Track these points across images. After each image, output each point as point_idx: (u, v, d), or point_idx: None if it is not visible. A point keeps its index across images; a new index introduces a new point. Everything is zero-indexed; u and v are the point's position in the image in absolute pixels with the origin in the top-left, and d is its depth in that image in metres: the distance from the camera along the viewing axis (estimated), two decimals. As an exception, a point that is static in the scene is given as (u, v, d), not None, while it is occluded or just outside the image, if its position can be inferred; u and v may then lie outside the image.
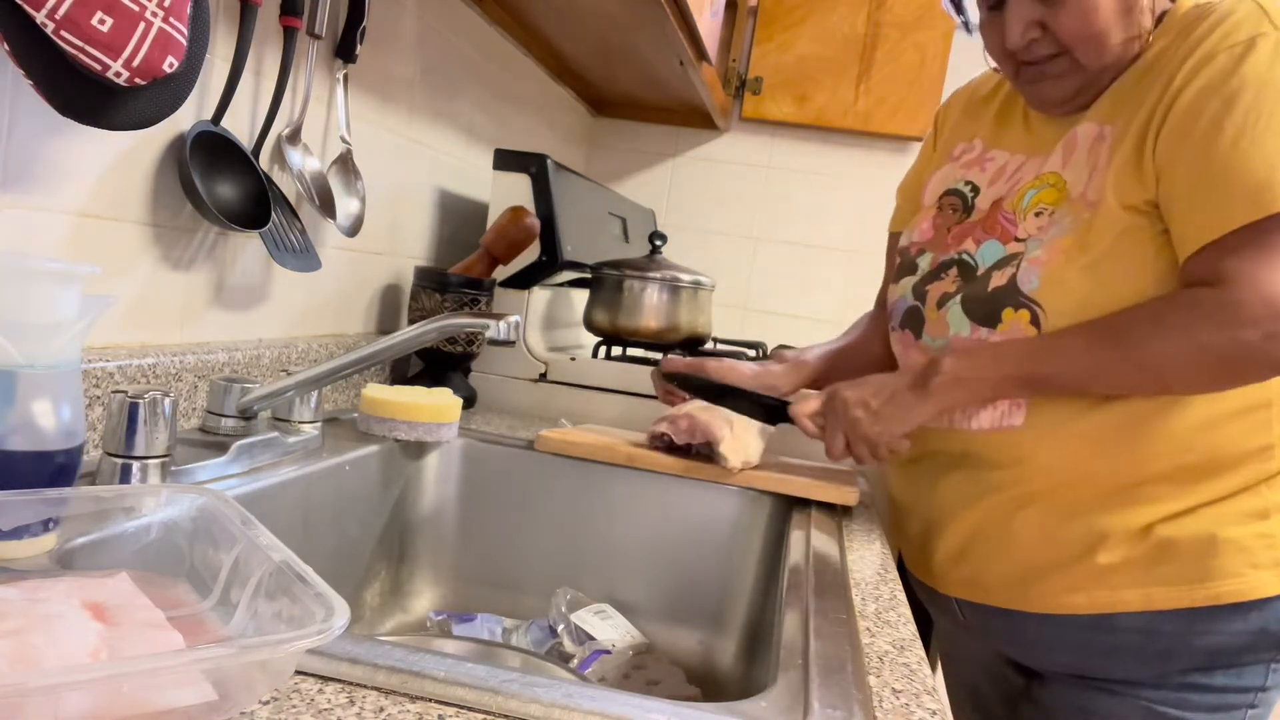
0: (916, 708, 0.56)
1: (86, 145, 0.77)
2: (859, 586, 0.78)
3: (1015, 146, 1.00)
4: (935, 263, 0.99)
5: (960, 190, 1.02)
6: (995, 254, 0.93)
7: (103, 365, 0.77)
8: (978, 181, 1.01)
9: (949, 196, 1.03)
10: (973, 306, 0.92)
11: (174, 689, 0.39)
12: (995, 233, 0.94)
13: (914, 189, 1.13)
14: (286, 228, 0.99)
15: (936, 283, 0.97)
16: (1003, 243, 0.93)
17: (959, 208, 1.01)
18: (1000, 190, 0.97)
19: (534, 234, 1.32)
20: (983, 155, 1.03)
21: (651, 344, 1.48)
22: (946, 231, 1.01)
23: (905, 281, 1.02)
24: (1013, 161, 0.99)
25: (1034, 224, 0.91)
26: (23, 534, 0.54)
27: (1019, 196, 0.94)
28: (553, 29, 1.67)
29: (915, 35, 2.15)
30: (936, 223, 1.03)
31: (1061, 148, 0.92)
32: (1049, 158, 0.93)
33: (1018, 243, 0.91)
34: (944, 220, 1.02)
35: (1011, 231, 0.92)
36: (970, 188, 1.01)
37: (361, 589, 1.00)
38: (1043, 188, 0.92)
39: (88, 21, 0.63)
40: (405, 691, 0.49)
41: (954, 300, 0.94)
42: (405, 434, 1.03)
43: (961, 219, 1.00)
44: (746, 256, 2.32)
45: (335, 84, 1.09)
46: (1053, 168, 0.92)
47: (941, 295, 0.96)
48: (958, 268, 0.96)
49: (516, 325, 0.81)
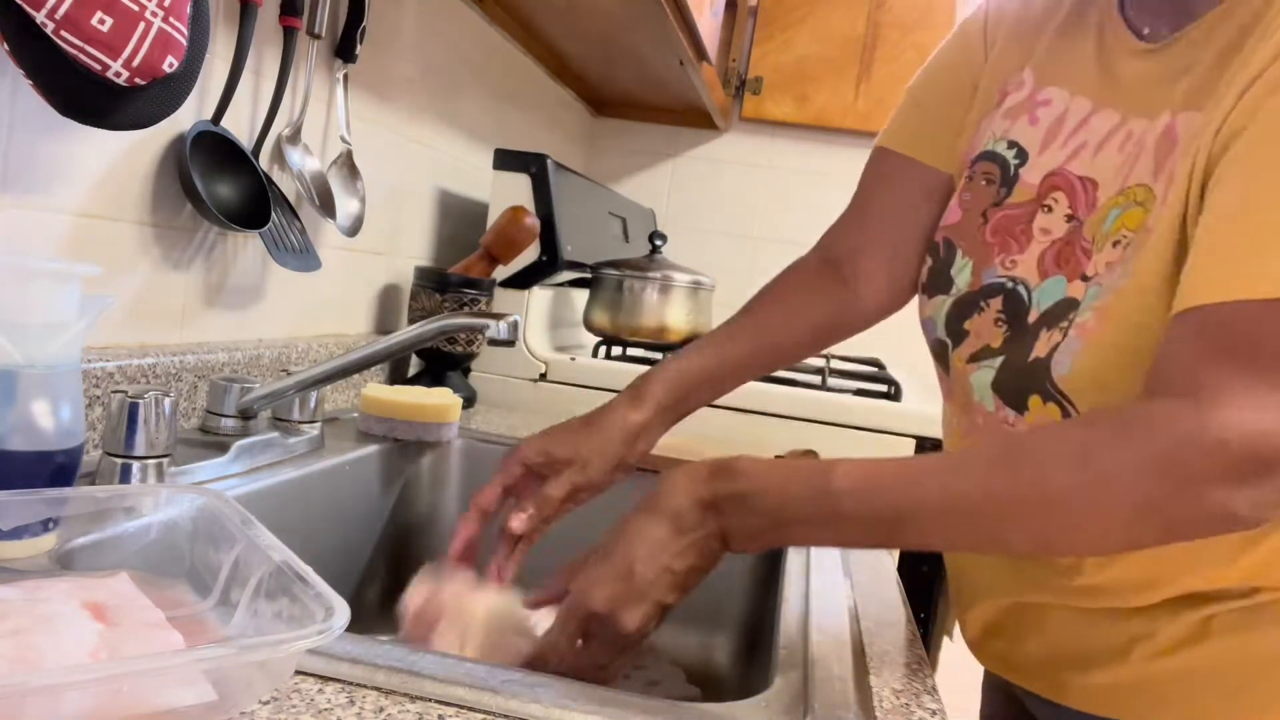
0: (916, 708, 0.56)
1: (86, 145, 0.77)
2: (859, 587, 0.78)
3: (1080, 86, 0.70)
4: (976, 280, 0.72)
5: (999, 154, 0.73)
6: (1055, 293, 0.67)
7: (103, 365, 0.77)
8: (1024, 142, 0.72)
9: (983, 162, 0.74)
10: (1004, 378, 0.68)
11: (174, 689, 0.39)
12: (1066, 266, 0.67)
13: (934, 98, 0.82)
14: (286, 228, 0.99)
15: (977, 318, 0.72)
16: (1068, 279, 0.66)
17: (996, 179, 0.73)
18: (1057, 158, 0.69)
19: (534, 234, 1.32)
20: (1033, 97, 0.73)
21: (651, 344, 1.48)
22: (981, 218, 0.73)
23: (938, 302, 0.76)
24: (1075, 108, 0.70)
25: (1108, 257, 0.63)
26: (22, 534, 0.54)
27: (1101, 217, 0.65)
28: (553, 29, 1.67)
29: (915, 35, 2.15)
30: (966, 200, 0.75)
31: (1155, 147, 0.62)
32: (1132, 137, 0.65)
33: (1082, 282, 0.65)
34: (976, 198, 0.74)
35: (1082, 265, 0.65)
36: (1015, 151, 0.72)
37: (361, 589, 1.00)
38: (1129, 206, 0.63)
39: (88, 21, 0.63)
40: (405, 691, 0.49)
41: (990, 363, 0.70)
42: (405, 434, 1.03)
43: (999, 197, 0.72)
44: (746, 256, 2.32)
45: (335, 84, 1.09)
46: (1142, 177, 0.63)
47: (982, 349, 0.71)
48: (1004, 300, 0.70)
49: (516, 325, 0.81)
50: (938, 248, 0.77)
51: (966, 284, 0.73)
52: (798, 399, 1.32)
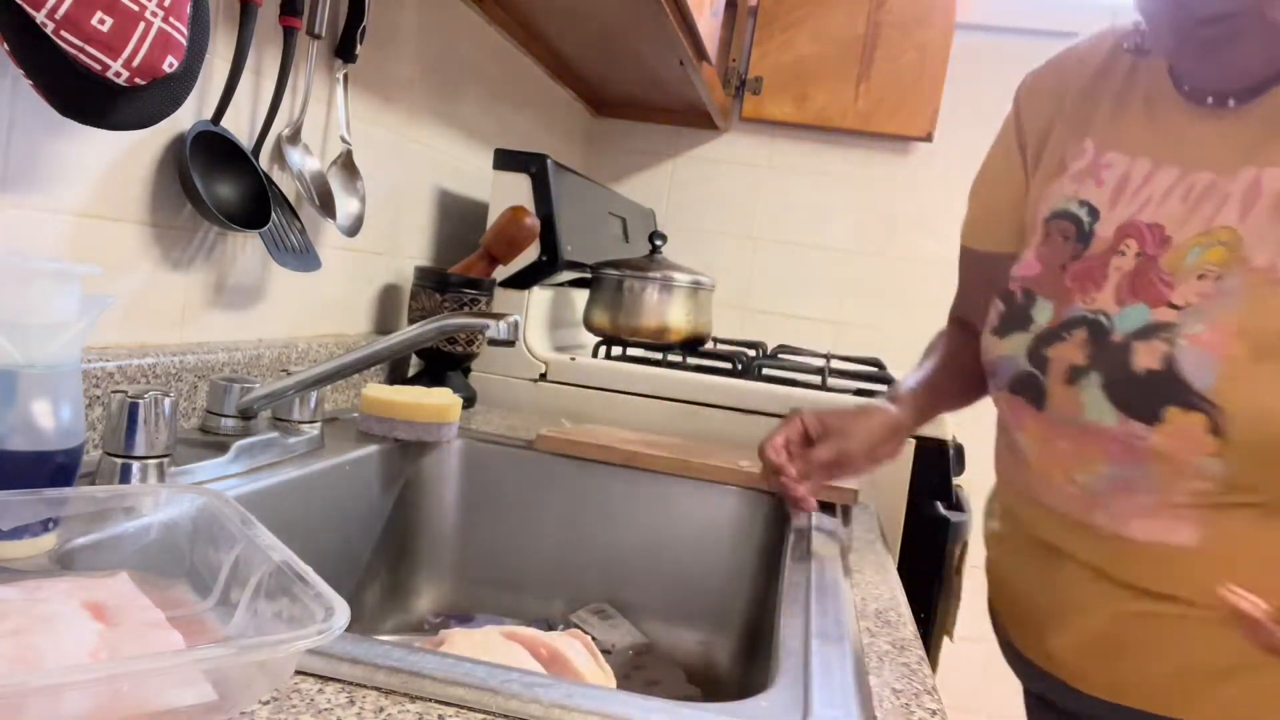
0: (916, 708, 0.56)
1: (86, 145, 0.77)
2: (859, 587, 0.78)
3: (1139, 149, 0.81)
4: (1057, 318, 0.81)
5: (1073, 213, 0.83)
6: (1138, 319, 0.75)
7: (103, 365, 0.77)
8: (1095, 201, 0.82)
9: (1059, 220, 0.83)
10: (1119, 392, 0.74)
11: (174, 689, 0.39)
12: (1145, 294, 0.76)
13: (995, 195, 0.95)
14: (286, 228, 0.99)
15: (1059, 345, 0.80)
16: (1151, 306, 0.75)
17: (1071, 235, 0.82)
18: (1127, 212, 0.79)
19: (534, 234, 1.32)
20: (1096, 161, 0.83)
21: (651, 344, 1.48)
22: (1060, 269, 0.82)
23: (1016, 339, 0.83)
24: (1137, 169, 0.80)
25: (1196, 288, 0.73)
26: (23, 534, 0.54)
27: (1180, 254, 0.75)
28: (553, 29, 1.67)
29: (915, 35, 2.14)
30: (1044, 254, 0.84)
31: (1241, 196, 0.74)
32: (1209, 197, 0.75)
33: (1172, 309, 0.74)
34: (1054, 252, 0.83)
35: (1165, 295, 0.74)
36: (1086, 209, 0.82)
37: (361, 589, 1.00)
38: (1211, 245, 0.74)
39: (88, 21, 0.63)
40: (405, 691, 0.49)
41: (1089, 378, 0.76)
42: (405, 434, 1.03)
43: (1078, 251, 0.81)
44: (746, 256, 2.32)
45: (335, 84, 1.09)
46: (1227, 220, 0.73)
47: (1070, 369, 0.78)
48: (1087, 329, 0.78)
49: (516, 325, 0.81)
50: (1013, 295, 0.86)
51: (1047, 320, 0.81)
52: (798, 399, 1.32)
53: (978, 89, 2.15)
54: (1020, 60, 1.02)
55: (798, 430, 0.92)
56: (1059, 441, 0.81)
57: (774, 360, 1.56)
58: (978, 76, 2.14)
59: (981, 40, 2.16)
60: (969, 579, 1.25)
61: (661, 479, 1.07)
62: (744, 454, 1.14)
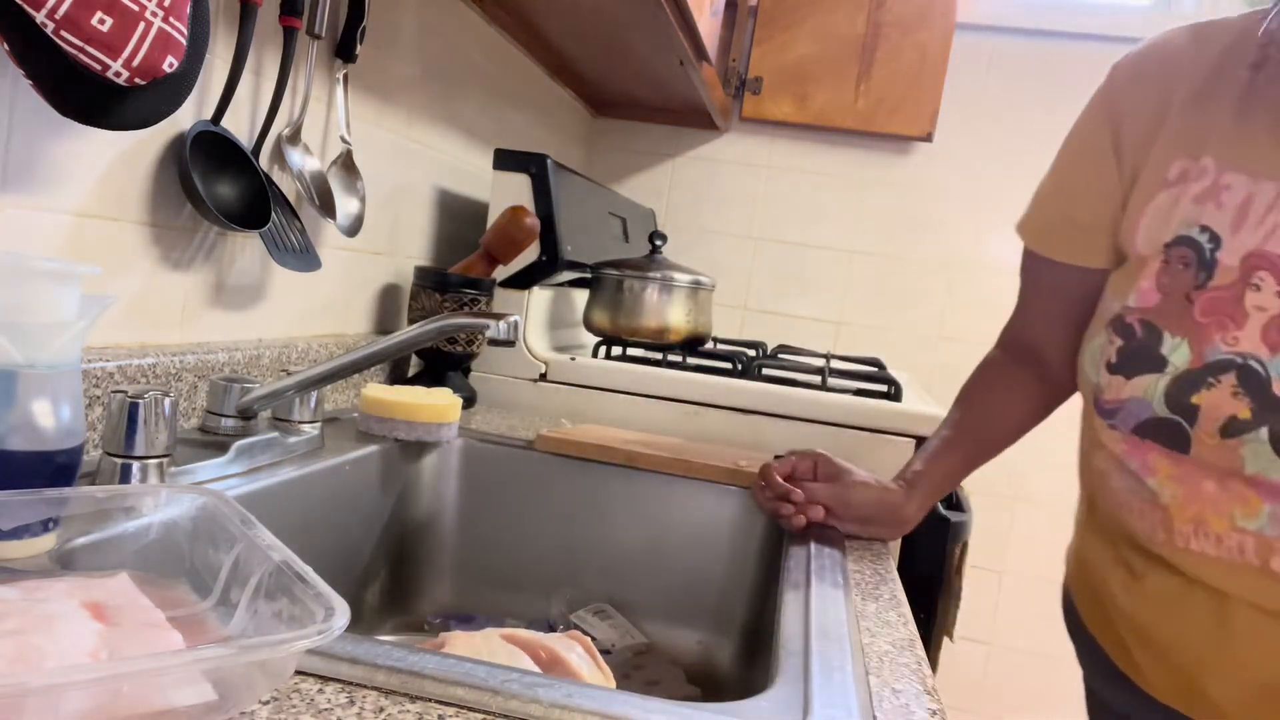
0: (917, 708, 0.56)
1: (86, 145, 0.77)
2: (859, 587, 0.78)
3: (1264, 171, 0.75)
4: (1198, 359, 0.75)
5: (1193, 239, 0.77)
6: None
7: (103, 365, 0.77)
8: (1215, 226, 0.76)
9: (1179, 247, 0.77)
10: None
11: (174, 689, 0.39)
12: None
13: (1079, 202, 0.88)
14: (286, 228, 0.99)
15: (1206, 393, 0.74)
16: None
17: (1192, 263, 0.76)
18: (1253, 239, 0.74)
19: (534, 234, 1.32)
20: (1217, 183, 0.77)
21: (651, 344, 1.48)
22: (1185, 300, 0.77)
23: (1147, 380, 0.78)
24: (1261, 191, 0.74)
25: None
26: (23, 534, 0.54)
27: None
28: (553, 29, 1.67)
29: (915, 35, 2.14)
30: (1164, 284, 0.78)
31: None
32: None
33: None
34: (1175, 282, 0.77)
35: None
36: (1207, 235, 0.76)
37: (361, 589, 1.00)
38: None
39: (88, 21, 0.63)
40: (405, 691, 0.49)
41: (1256, 434, 0.72)
42: (405, 434, 1.03)
43: (1201, 281, 0.76)
44: (746, 256, 2.32)
45: (335, 84, 1.09)
46: None
47: (1227, 420, 0.73)
48: (1237, 375, 0.73)
49: (516, 325, 0.81)
50: (1131, 329, 0.79)
51: (1186, 361, 0.75)
52: (798, 399, 1.32)
53: (978, 89, 2.16)
54: (1020, 60, 1.00)
55: (809, 465, 0.95)
56: (1205, 484, 0.76)
57: (774, 360, 1.56)
58: (978, 76, 2.15)
59: (981, 40, 2.16)
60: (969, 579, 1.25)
61: (661, 479, 1.07)
62: (744, 454, 1.14)
